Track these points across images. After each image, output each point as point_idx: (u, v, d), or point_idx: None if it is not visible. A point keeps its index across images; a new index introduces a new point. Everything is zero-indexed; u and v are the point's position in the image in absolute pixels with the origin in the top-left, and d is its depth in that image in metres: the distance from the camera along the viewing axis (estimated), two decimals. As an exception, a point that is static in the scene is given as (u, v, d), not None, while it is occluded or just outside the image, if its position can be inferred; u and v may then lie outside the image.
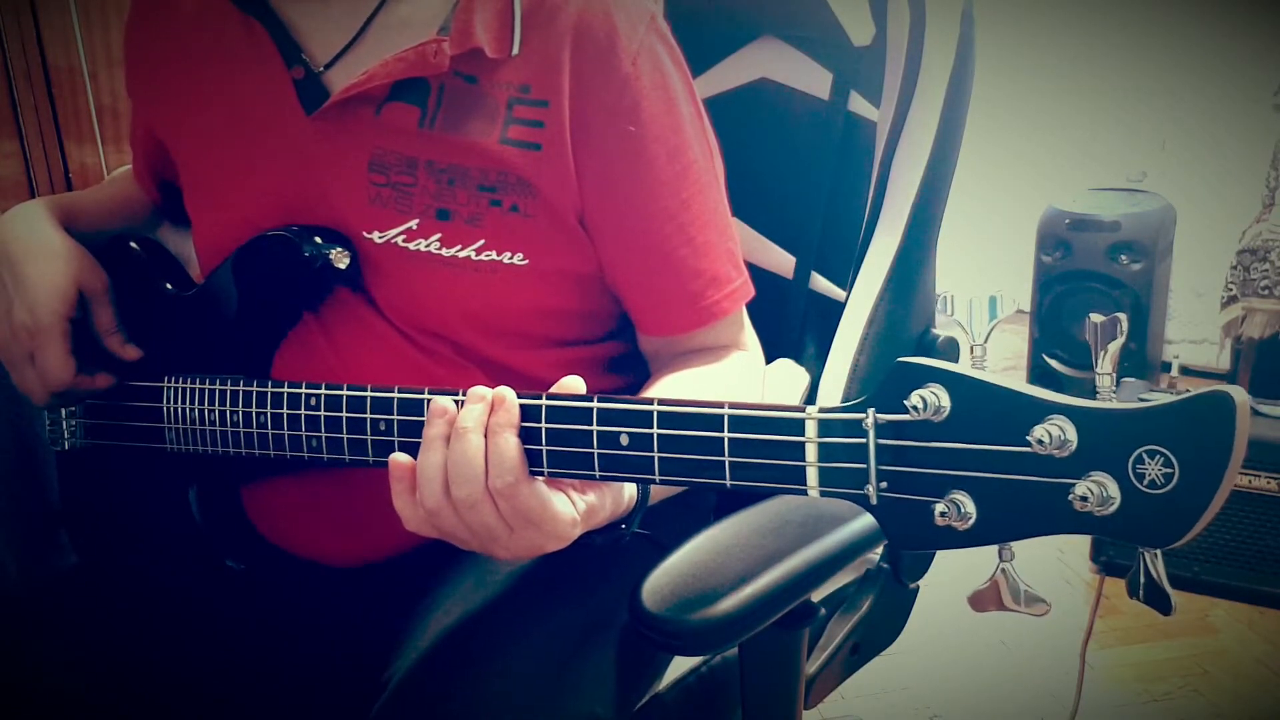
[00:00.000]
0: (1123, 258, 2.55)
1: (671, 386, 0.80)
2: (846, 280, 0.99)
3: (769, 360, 0.95)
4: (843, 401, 0.93)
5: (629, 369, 0.91)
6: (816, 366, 0.97)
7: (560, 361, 0.87)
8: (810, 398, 0.97)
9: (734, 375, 0.85)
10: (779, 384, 0.96)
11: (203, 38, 0.87)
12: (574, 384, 0.66)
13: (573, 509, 0.65)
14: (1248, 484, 1.84)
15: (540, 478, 0.65)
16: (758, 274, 0.91)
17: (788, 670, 0.81)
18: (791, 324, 1.03)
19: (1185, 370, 2.94)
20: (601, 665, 0.77)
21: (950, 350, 1.00)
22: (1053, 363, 2.69)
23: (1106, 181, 2.85)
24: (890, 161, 0.98)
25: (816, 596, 0.77)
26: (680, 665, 0.88)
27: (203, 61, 0.87)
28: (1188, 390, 0.46)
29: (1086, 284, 2.61)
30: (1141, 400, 0.46)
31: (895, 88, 0.97)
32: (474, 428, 0.63)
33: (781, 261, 1.05)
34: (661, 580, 0.69)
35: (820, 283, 1.04)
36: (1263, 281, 2.31)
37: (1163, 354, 2.83)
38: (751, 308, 0.89)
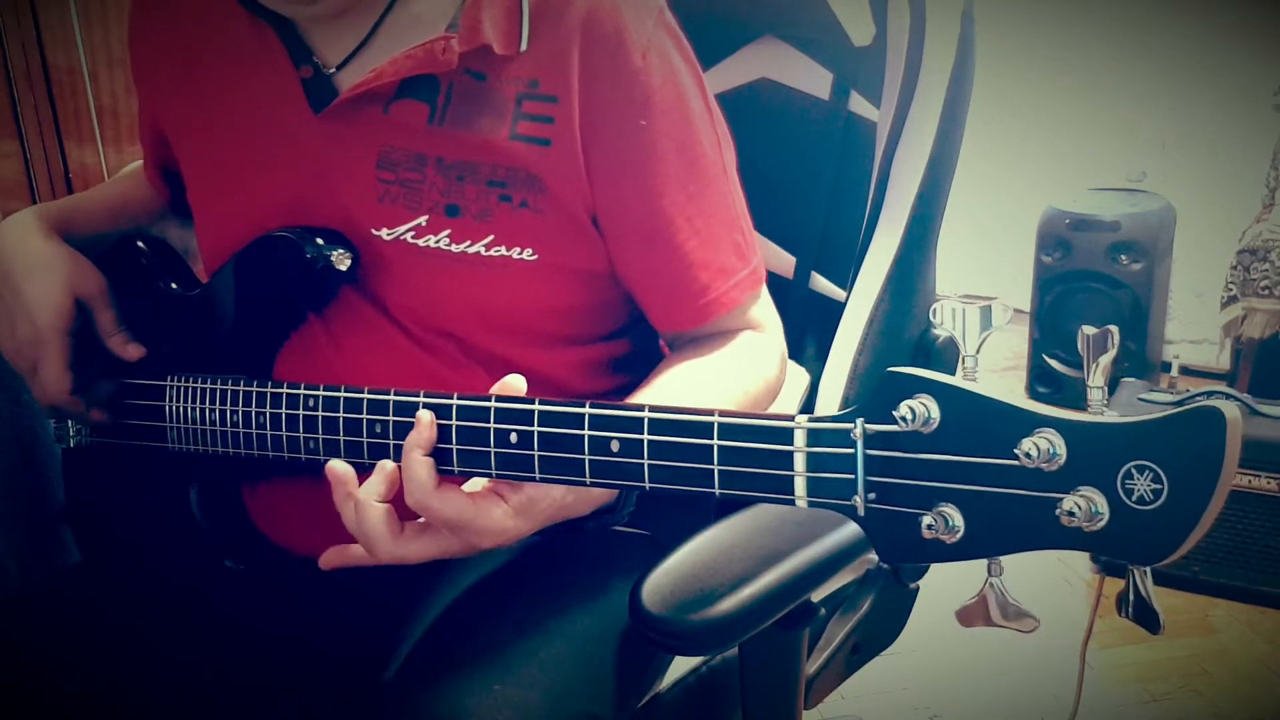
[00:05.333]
0: (1123, 258, 2.56)
1: (670, 381, 0.79)
2: (846, 280, 0.99)
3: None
4: (842, 401, 0.92)
5: (637, 368, 0.91)
6: (816, 366, 0.97)
7: (568, 360, 0.87)
8: (810, 398, 0.97)
9: (730, 361, 0.83)
10: (779, 384, 0.96)
11: (208, 35, 0.86)
12: (515, 384, 0.68)
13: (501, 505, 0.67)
14: (1248, 484, 1.84)
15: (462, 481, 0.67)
16: (758, 274, 0.91)
17: (788, 670, 0.81)
18: (791, 324, 1.03)
19: (1185, 370, 2.93)
20: (601, 665, 0.77)
21: (951, 351, 1.00)
22: (1053, 363, 2.69)
23: (1106, 181, 2.85)
24: (890, 161, 0.98)
25: (816, 596, 0.77)
26: (680, 665, 0.88)
27: (208, 59, 0.86)
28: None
29: (1086, 284, 2.61)
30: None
31: (895, 88, 0.97)
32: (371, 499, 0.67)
33: (781, 261, 1.05)
34: (661, 580, 0.69)
35: (820, 283, 1.04)
36: (1263, 281, 2.31)
37: (1163, 354, 2.83)
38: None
